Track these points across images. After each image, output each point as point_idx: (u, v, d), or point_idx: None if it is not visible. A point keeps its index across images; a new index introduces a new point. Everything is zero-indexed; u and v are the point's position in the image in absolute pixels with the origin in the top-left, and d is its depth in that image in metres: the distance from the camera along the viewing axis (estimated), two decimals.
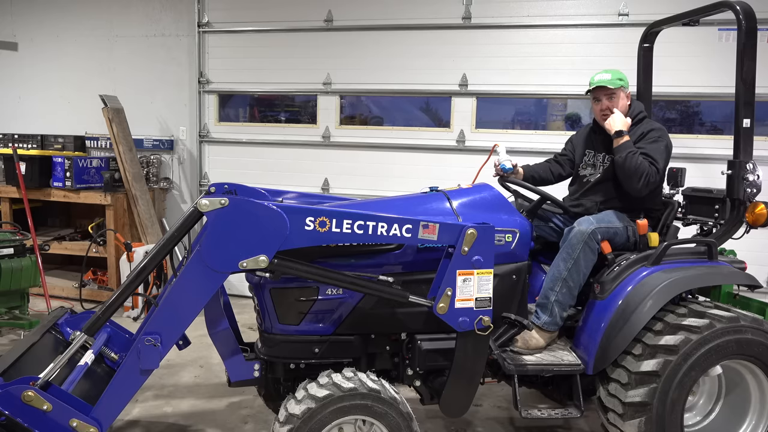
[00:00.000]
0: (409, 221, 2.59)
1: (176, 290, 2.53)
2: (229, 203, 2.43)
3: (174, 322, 2.55)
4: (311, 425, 2.56)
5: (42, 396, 2.35)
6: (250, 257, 2.46)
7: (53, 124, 7.04)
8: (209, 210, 2.43)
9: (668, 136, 3.28)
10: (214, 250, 2.46)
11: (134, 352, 2.50)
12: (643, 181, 3.09)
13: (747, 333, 2.87)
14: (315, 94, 6.38)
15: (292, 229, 2.47)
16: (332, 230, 2.52)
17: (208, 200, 2.43)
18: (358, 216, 2.55)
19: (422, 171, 5.98)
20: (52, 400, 2.37)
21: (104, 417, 2.48)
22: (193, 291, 2.52)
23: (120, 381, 2.52)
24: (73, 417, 2.40)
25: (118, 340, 3.08)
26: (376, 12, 6.10)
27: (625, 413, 2.87)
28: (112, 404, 2.52)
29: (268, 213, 2.46)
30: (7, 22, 7.20)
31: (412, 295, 2.68)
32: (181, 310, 2.54)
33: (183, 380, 4.38)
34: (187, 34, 6.67)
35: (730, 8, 3.12)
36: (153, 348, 2.48)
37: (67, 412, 2.40)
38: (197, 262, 2.47)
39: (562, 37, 5.69)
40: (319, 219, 2.50)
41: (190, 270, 2.50)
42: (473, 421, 3.82)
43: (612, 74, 3.32)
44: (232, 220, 2.44)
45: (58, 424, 2.38)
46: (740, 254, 3.65)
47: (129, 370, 2.52)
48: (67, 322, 3.12)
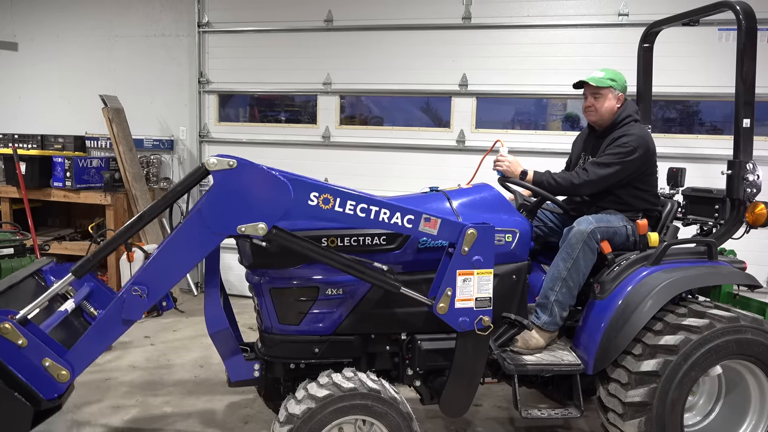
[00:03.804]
0: (412, 212, 2.59)
1: (170, 245, 2.50)
2: (237, 165, 2.42)
3: (163, 277, 2.51)
4: (311, 425, 2.56)
5: (19, 330, 2.34)
6: (249, 223, 2.45)
7: (53, 124, 7.04)
8: (216, 170, 2.41)
9: (644, 142, 3.20)
10: (215, 211, 2.43)
11: (119, 300, 2.47)
12: (581, 190, 3.24)
13: (747, 333, 2.87)
14: (315, 94, 6.38)
15: (296, 200, 2.46)
16: (335, 209, 2.51)
17: (216, 159, 2.41)
18: (363, 199, 2.54)
19: (422, 171, 5.99)
20: (29, 336, 2.36)
21: (77, 361, 2.47)
22: (187, 248, 2.49)
23: (100, 328, 2.51)
24: (47, 356, 2.40)
25: (99, 296, 3.03)
26: (376, 12, 6.10)
27: (625, 413, 2.87)
28: (88, 350, 2.51)
29: (274, 181, 2.44)
30: (7, 22, 7.20)
31: (404, 288, 2.66)
32: (172, 265, 2.52)
33: (183, 380, 4.38)
34: (187, 34, 6.68)
35: (730, 8, 3.12)
36: (138, 299, 2.45)
37: (42, 350, 2.39)
38: (196, 221, 2.45)
39: (562, 37, 5.69)
40: (323, 195, 2.49)
41: (187, 227, 2.47)
42: (473, 421, 3.82)
43: (606, 73, 3.32)
44: (237, 183, 2.43)
45: (31, 362, 2.37)
46: (740, 254, 3.65)
47: (111, 317, 2.49)
48: (51, 271, 3.10)
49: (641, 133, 3.24)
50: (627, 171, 3.20)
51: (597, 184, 3.20)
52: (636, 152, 3.17)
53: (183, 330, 5.53)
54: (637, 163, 3.19)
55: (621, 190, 3.27)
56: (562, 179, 3.23)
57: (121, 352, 4.90)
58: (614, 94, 3.32)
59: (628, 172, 3.20)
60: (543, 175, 3.26)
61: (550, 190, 3.25)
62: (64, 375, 2.42)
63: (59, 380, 2.42)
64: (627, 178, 3.22)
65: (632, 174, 3.22)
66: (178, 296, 6.29)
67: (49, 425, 3.48)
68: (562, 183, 3.23)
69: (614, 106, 3.33)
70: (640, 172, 3.24)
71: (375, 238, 2.84)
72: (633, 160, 3.18)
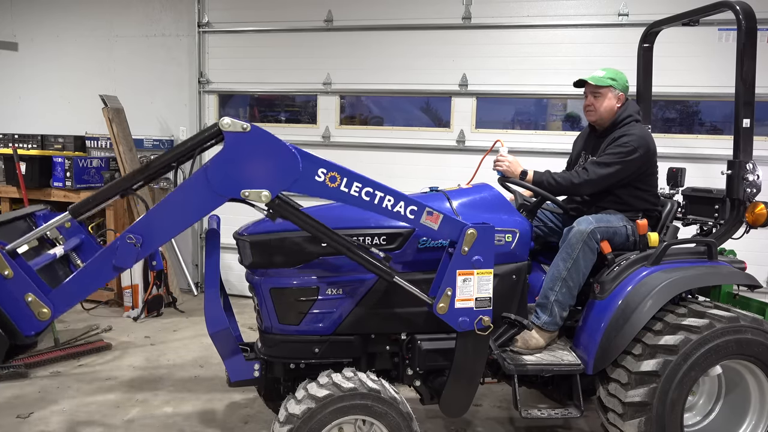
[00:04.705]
0: (416, 203, 2.59)
1: (171, 200, 2.50)
2: (251, 130, 2.42)
3: (159, 229, 2.50)
4: (311, 425, 2.56)
5: (6, 261, 2.34)
6: (254, 188, 2.45)
7: (53, 124, 7.03)
8: (229, 131, 2.42)
9: (645, 142, 3.20)
10: (222, 171, 2.43)
11: (112, 246, 2.46)
12: (581, 189, 3.24)
13: (747, 333, 2.87)
14: (315, 94, 6.38)
15: (303, 174, 2.46)
16: (340, 188, 2.51)
17: (230, 121, 2.41)
18: (369, 183, 2.54)
19: (422, 171, 5.99)
20: (15, 269, 2.36)
21: (60, 301, 2.46)
22: (188, 205, 2.49)
23: (88, 271, 2.50)
24: (31, 291, 2.40)
25: (88, 249, 3.00)
26: (376, 12, 6.10)
27: (625, 413, 2.86)
28: (73, 291, 2.50)
29: (284, 151, 2.45)
30: (7, 22, 7.20)
31: (398, 278, 2.65)
32: (170, 220, 2.50)
33: (183, 380, 4.38)
34: (187, 34, 6.68)
35: (730, 8, 3.12)
36: (132, 247, 2.44)
37: (26, 284, 2.39)
38: (201, 179, 2.45)
39: (562, 37, 5.69)
40: (331, 173, 2.49)
41: (191, 184, 2.47)
42: (473, 421, 3.82)
43: (607, 73, 3.32)
44: (248, 147, 2.43)
45: (14, 295, 2.38)
46: (740, 254, 3.65)
47: (101, 261, 2.48)
48: (44, 216, 3.08)
49: (642, 133, 3.24)
50: (627, 171, 3.20)
51: (597, 183, 3.20)
52: (636, 152, 3.17)
53: (183, 330, 5.53)
54: (637, 163, 3.19)
55: (621, 190, 3.27)
56: (562, 179, 3.23)
57: (121, 352, 4.90)
58: (614, 93, 3.32)
59: (628, 171, 3.20)
60: (543, 174, 3.26)
61: (550, 190, 3.25)
62: (45, 313, 2.41)
63: (39, 318, 2.42)
64: (627, 177, 3.22)
65: (632, 174, 3.22)
66: (178, 296, 6.29)
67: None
68: (562, 183, 3.23)
69: (614, 105, 3.33)
70: (640, 172, 3.24)
71: (375, 239, 2.84)
72: (633, 160, 3.17)
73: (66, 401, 3.96)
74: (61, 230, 2.88)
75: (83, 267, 2.52)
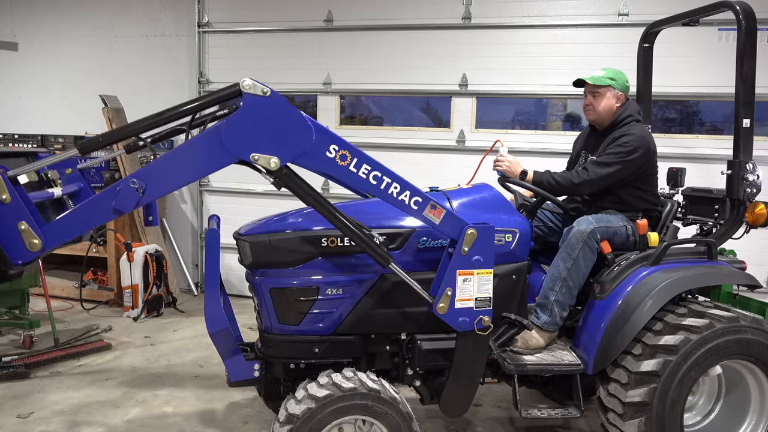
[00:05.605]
0: (421, 195, 2.59)
1: (180, 151, 2.49)
2: (271, 94, 2.42)
3: (164, 179, 2.48)
4: (311, 425, 2.56)
5: (6, 185, 2.32)
6: (264, 153, 2.45)
7: (53, 124, 7.04)
8: (249, 92, 2.41)
9: (645, 142, 3.20)
10: (235, 131, 2.43)
11: (113, 188, 2.42)
12: (581, 189, 3.24)
13: (747, 333, 2.87)
14: (315, 94, 6.38)
15: (315, 146, 2.47)
16: (349, 167, 2.52)
17: (252, 82, 2.41)
18: (379, 167, 2.54)
19: (422, 171, 5.97)
20: (13, 194, 2.34)
21: (52, 235, 2.43)
22: (196, 160, 2.48)
23: (86, 208, 2.46)
24: (25, 220, 2.37)
25: (85, 197, 2.96)
26: (376, 12, 6.10)
27: (625, 413, 2.87)
28: (66, 227, 2.46)
29: (300, 121, 2.47)
30: (7, 22, 7.21)
31: (393, 264, 2.64)
32: (177, 171, 2.49)
33: (183, 380, 4.38)
34: (187, 34, 6.68)
35: (730, 8, 3.12)
36: (134, 192, 2.40)
37: (22, 212, 2.37)
38: (213, 136, 2.44)
39: (562, 37, 5.69)
40: (342, 151, 2.51)
41: (203, 139, 2.46)
42: (473, 421, 3.82)
43: (606, 72, 3.32)
44: (265, 111, 2.43)
45: (7, 220, 2.36)
46: (740, 254, 3.65)
47: (101, 201, 2.44)
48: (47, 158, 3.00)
49: (642, 133, 3.24)
50: (627, 171, 3.20)
51: (597, 183, 3.20)
52: (636, 152, 3.17)
53: (183, 330, 5.53)
54: (637, 162, 3.19)
55: (621, 190, 3.27)
56: (562, 179, 3.23)
57: (121, 352, 4.90)
58: (613, 93, 3.32)
59: (628, 171, 3.20)
60: (543, 174, 3.26)
61: (550, 190, 3.25)
62: (36, 244, 2.39)
63: (30, 248, 2.39)
64: (627, 177, 3.22)
65: (632, 174, 3.22)
66: (178, 296, 6.29)
67: None
68: (562, 182, 3.23)
69: (613, 105, 3.33)
70: (640, 172, 3.24)
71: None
72: (633, 160, 3.18)
73: (66, 401, 3.96)
74: (61, 175, 2.85)
75: (81, 204, 2.48)
